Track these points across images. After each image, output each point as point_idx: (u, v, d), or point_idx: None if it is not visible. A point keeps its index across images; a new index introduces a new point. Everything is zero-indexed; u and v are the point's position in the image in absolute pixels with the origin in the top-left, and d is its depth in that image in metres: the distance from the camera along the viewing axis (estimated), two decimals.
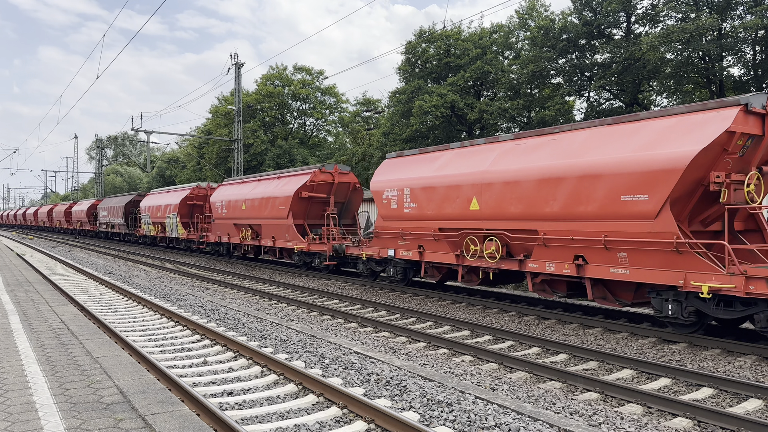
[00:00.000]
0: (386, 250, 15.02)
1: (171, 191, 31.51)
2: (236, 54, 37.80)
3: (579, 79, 27.77)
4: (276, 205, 19.84)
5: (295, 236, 19.07)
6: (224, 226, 23.76)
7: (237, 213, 22.41)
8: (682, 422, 5.76)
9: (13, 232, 67.78)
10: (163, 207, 30.41)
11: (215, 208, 24.36)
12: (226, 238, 23.77)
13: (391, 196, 14.61)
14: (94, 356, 6.65)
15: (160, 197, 32.15)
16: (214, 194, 25.17)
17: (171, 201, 29.55)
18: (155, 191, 34.91)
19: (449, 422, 5.36)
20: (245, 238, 22.10)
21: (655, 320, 10.63)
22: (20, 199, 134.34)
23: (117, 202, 40.36)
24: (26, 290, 12.93)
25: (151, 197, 34.08)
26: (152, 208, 32.25)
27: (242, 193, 22.39)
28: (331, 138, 48.56)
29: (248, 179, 23.30)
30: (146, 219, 33.35)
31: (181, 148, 63.34)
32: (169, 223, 29.65)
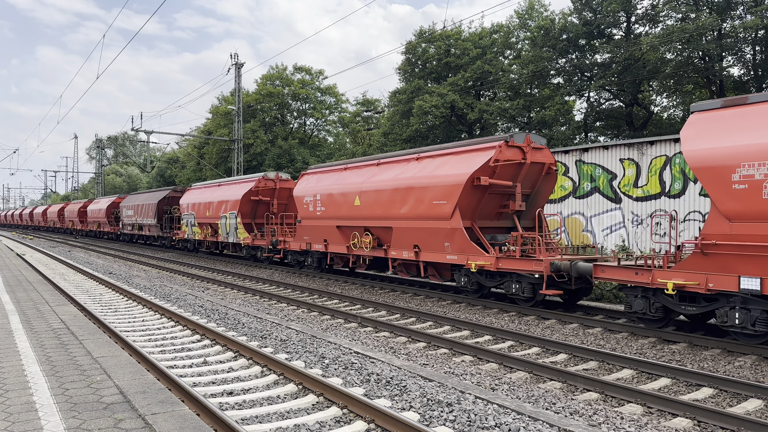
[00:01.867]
0: None
1: (225, 184, 26.01)
2: (236, 54, 37.84)
3: (579, 79, 27.78)
4: (428, 200, 13.51)
5: (467, 245, 12.59)
6: (319, 229, 17.91)
7: (344, 211, 16.72)
8: (682, 422, 5.76)
9: (14, 232, 67.26)
10: (215, 204, 25.02)
11: (302, 205, 18.74)
12: (321, 246, 17.95)
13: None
14: (94, 356, 6.65)
15: (209, 192, 26.60)
16: (300, 186, 19.25)
17: (227, 196, 24.10)
18: (200, 185, 29.04)
19: (449, 422, 5.36)
20: (359, 246, 16.12)
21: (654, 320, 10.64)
22: (20, 199, 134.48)
23: (147, 198, 34.35)
24: (26, 290, 12.94)
25: (195, 192, 28.50)
26: (198, 205, 26.78)
27: (352, 183, 16.49)
28: (331, 138, 48.57)
29: (361, 163, 17.07)
30: (189, 219, 27.96)
31: (181, 148, 63.35)
32: (224, 225, 24.31)
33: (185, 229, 28.71)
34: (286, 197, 23.26)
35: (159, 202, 31.88)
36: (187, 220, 28.24)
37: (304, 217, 18.50)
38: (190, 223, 27.79)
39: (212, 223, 25.66)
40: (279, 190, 23.19)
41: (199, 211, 26.57)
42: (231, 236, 23.89)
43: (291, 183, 23.30)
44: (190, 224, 27.84)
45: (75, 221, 51.63)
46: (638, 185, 16.42)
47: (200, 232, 26.82)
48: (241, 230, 23.07)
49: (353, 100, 49.03)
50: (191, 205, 27.75)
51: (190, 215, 27.73)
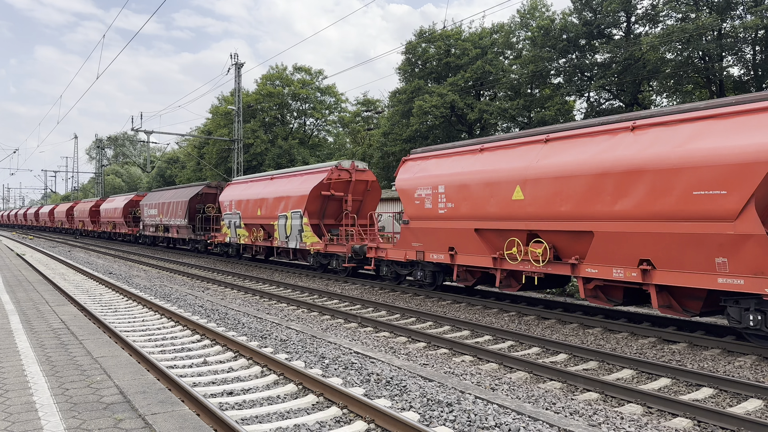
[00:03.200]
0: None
1: (284, 177, 21.27)
2: (236, 54, 37.85)
3: (579, 79, 27.78)
4: (682, 189, 8.71)
5: None
6: (440, 233, 13.28)
7: (490, 208, 11.84)
8: (682, 422, 5.76)
9: (14, 232, 66.99)
10: (270, 202, 20.73)
11: (411, 201, 13.98)
12: (442, 256, 13.22)
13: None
14: (94, 356, 6.64)
15: (259, 187, 22.27)
16: (407, 175, 14.36)
17: (288, 191, 19.88)
18: (245, 178, 24.81)
19: (449, 422, 5.36)
20: (520, 258, 11.37)
21: (654, 320, 10.64)
22: (20, 199, 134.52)
23: (175, 195, 29.99)
24: (26, 290, 12.93)
25: (239, 187, 24.10)
26: (245, 203, 22.48)
27: (508, 169, 11.58)
28: (331, 138, 48.58)
29: (514, 141, 12.05)
30: (231, 220, 23.47)
31: (181, 148, 63.37)
32: (282, 227, 19.96)
33: (226, 231, 24.05)
34: (362, 192, 19.53)
35: (191, 200, 27.40)
36: (229, 221, 23.61)
37: (414, 217, 14.01)
38: (234, 224, 23.19)
39: (265, 225, 21.20)
40: (354, 183, 19.12)
41: (247, 209, 22.20)
42: (292, 240, 19.32)
43: (368, 174, 19.57)
44: (234, 225, 23.21)
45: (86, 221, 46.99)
46: None
47: (247, 234, 22.34)
48: (308, 233, 18.54)
49: (353, 100, 49.10)
50: (235, 203, 23.21)
51: (234, 215, 23.22)
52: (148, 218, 33.39)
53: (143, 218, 34.46)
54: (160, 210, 31.27)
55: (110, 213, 40.57)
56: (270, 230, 21.09)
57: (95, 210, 45.17)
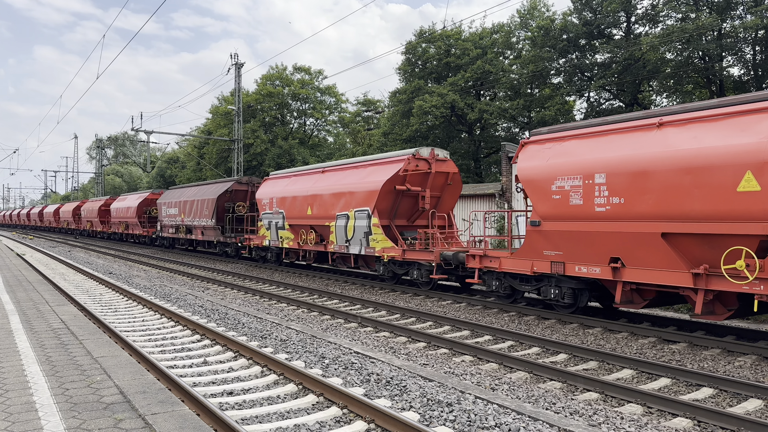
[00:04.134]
0: None
1: (344, 168, 17.73)
2: (236, 54, 37.87)
3: (579, 79, 27.78)
4: None
5: None
6: (595, 238, 9.92)
7: (692, 204, 8.52)
8: (682, 422, 5.76)
9: (14, 232, 66.83)
10: (327, 198, 17.33)
11: (544, 195, 10.66)
12: (596, 270, 10.00)
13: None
14: (94, 356, 6.65)
15: (310, 181, 18.81)
16: (534, 162, 11.02)
17: (352, 186, 16.43)
18: (290, 172, 21.09)
19: (449, 422, 5.36)
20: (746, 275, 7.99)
21: (654, 320, 10.64)
22: (20, 199, 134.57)
23: (200, 193, 26.73)
24: (26, 290, 12.94)
25: (282, 183, 20.57)
26: (291, 200, 19.28)
27: (736, 147, 8.09)
28: (331, 138, 48.60)
29: (735, 108, 8.40)
30: (273, 220, 20.33)
31: (181, 148, 63.39)
32: (342, 229, 16.64)
33: (264, 234, 21.01)
34: (441, 186, 16.07)
35: (219, 198, 24.37)
36: (269, 222, 20.50)
37: (549, 217, 10.56)
38: (276, 225, 20.06)
39: (318, 226, 17.95)
40: (434, 176, 15.70)
41: (293, 208, 19.06)
42: (355, 245, 16.14)
43: (450, 165, 16.17)
44: (275, 227, 20.07)
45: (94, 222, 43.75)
46: None
47: (292, 237, 19.28)
48: (378, 236, 15.32)
49: (353, 100, 49.13)
50: (277, 201, 20.06)
51: (275, 215, 20.13)
52: (167, 218, 30.28)
53: (161, 218, 31.47)
54: (181, 209, 28.22)
55: (122, 212, 37.24)
56: (324, 233, 17.76)
57: (105, 209, 42.01)
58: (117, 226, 38.99)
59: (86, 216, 46.01)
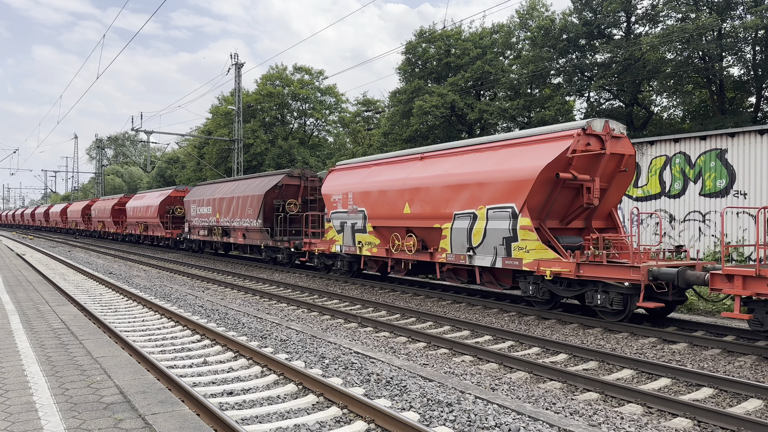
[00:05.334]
0: None
1: (456, 153, 13.58)
2: (236, 54, 37.89)
3: (579, 79, 27.79)
4: None
5: None
6: None
7: None
8: (682, 422, 5.76)
9: (14, 232, 66.73)
10: (435, 193, 13.28)
11: None
12: None
13: None
14: (94, 356, 6.65)
15: (400, 170, 14.87)
16: None
17: (475, 174, 12.40)
18: (365, 161, 17.20)
19: (449, 422, 5.36)
20: None
21: (654, 320, 10.64)
22: (20, 199, 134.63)
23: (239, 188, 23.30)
24: (26, 290, 12.94)
25: (357, 174, 16.73)
26: (375, 196, 15.34)
27: None
28: (331, 138, 48.63)
29: None
30: (348, 221, 16.53)
31: (181, 148, 63.42)
32: (463, 233, 12.57)
33: (334, 237, 17.17)
34: (611, 173, 11.70)
35: (267, 194, 20.85)
36: (342, 223, 16.75)
37: None
38: (352, 227, 16.33)
39: (421, 229, 13.89)
40: (607, 159, 11.36)
41: (381, 205, 15.07)
42: (485, 255, 11.99)
43: (625, 144, 11.66)
44: (351, 229, 16.37)
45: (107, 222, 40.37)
46: (638, 185, 16.41)
47: (377, 243, 15.44)
48: (529, 244, 11.06)
49: (353, 100, 49.16)
50: (353, 196, 16.22)
51: (353, 214, 16.24)
52: (198, 218, 26.66)
53: (189, 218, 27.77)
54: (216, 208, 24.69)
55: (140, 212, 33.44)
56: (429, 237, 13.79)
57: (119, 209, 38.29)
58: (134, 227, 35.50)
59: (97, 216, 42.70)
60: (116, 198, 40.06)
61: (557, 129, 11.61)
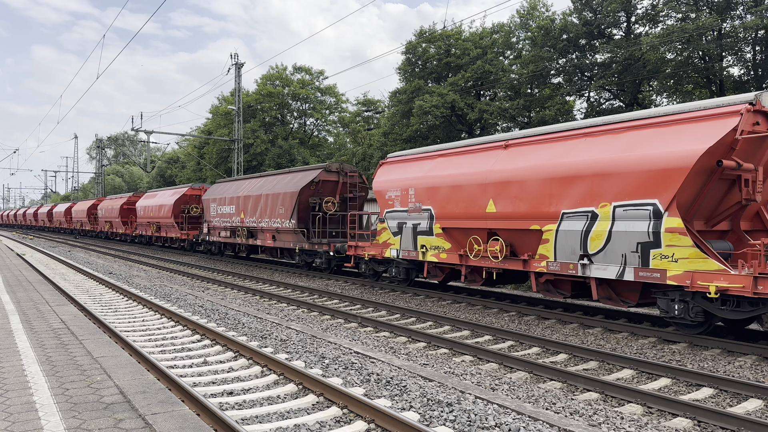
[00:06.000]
0: None
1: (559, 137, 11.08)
2: (236, 54, 37.89)
3: (579, 79, 27.79)
4: None
5: None
6: None
7: None
8: (682, 422, 5.76)
9: (14, 232, 66.63)
10: (530, 186, 10.98)
11: None
12: None
13: None
14: (94, 356, 6.65)
15: (479, 161, 12.42)
16: None
17: (594, 162, 9.96)
18: (425, 152, 14.41)
19: (449, 422, 5.36)
20: None
21: (655, 320, 10.64)
22: (20, 199, 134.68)
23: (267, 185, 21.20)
24: (26, 290, 12.94)
25: (419, 167, 14.06)
26: (445, 191, 12.89)
27: None
28: (331, 138, 48.65)
29: None
30: (407, 221, 13.99)
31: (181, 148, 63.44)
32: (572, 236, 10.25)
33: (389, 240, 14.57)
34: None
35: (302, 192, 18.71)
36: (400, 224, 14.12)
37: None
38: (414, 228, 13.63)
39: (510, 231, 11.58)
40: None
41: (453, 202, 12.65)
42: (608, 264, 9.73)
43: None
44: (413, 231, 13.69)
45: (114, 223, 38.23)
46: None
47: (447, 247, 12.83)
48: (680, 251, 8.78)
49: (353, 100, 49.20)
50: (417, 192, 13.68)
51: (416, 213, 13.62)
52: (218, 218, 24.66)
53: (208, 218, 25.79)
54: (240, 207, 22.63)
55: (152, 212, 31.42)
56: (521, 241, 11.41)
57: (128, 208, 36.43)
58: (145, 228, 33.50)
59: (104, 216, 40.56)
60: (125, 197, 38.17)
61: (713, 105, 9.17)
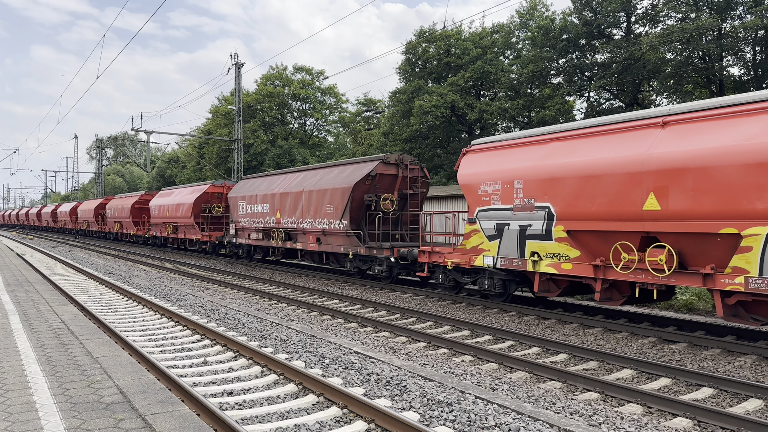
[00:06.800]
0: None
1: None
2: (236, 54, 37.89)
3: (579, 79, 27.79)
4: None
5: None
6: None
7: None
8: (682, 422, 5.76)
9: (14, 232, 66.56)
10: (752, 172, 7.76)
11: None
12: None
13: None
14: (94, 356, 6.65)
15: (624, 143, 9.49)
16: None
17: None
18: (533, 135, 11.48)
19: (449, 422, 5.36)
20: None
21: (654, 320, 10.64)
22: (20, 199, 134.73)
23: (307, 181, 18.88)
24: (26, 290, 12.94)
25: (522, 153, 11.41)
26: (570, 183, 10.13)
27: None
28: (331, 138, 48.65)
29: None
30: (510, 223, 11.39)
31: (181, 148, 63.46)
32: None
33: (483, 246, 12.00)
34: None
35: (356, 187, 16.24)
36: (496, 225, 11.66)
37: None
38: (520, 231, 11.19)
39: (684, 236, 8.83)
40: None
41: (583, 197, 10.03)
42: None
43: None
44: (518, 234, 11.24)
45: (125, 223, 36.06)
46: None
47: (573, 254, 10.33)
48: None
49: (353, 100, 49.21)
50: (528, 186, 11.03)
51: (526, 212, 11.03)
52: (248, 218, 22.20)
53: (236, 218, 23.19)
54: (276, 205, 20.14)
55: (169, 211, 28.99)
56: (698, 250, 8.76)
57: (140, 207, 34.01)
58: (159, 229, 31.00)
59: (113, 216, 38.05)
60: (136, 195, 35.78)
61: None
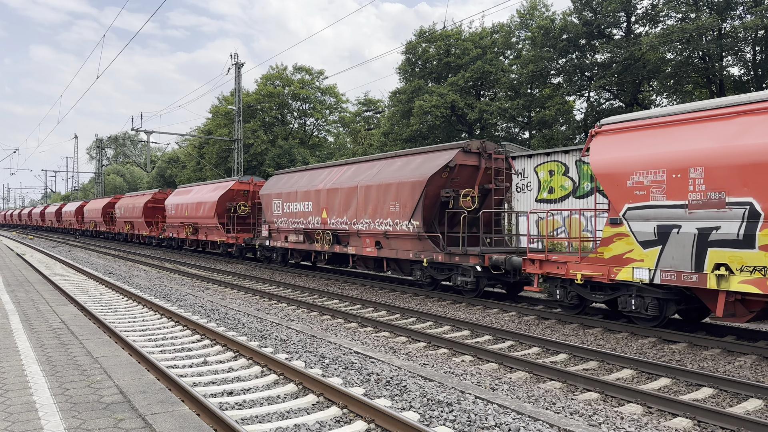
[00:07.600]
0: None
1: None
2: (236, 54, 37.91)
3: (579, 79, 27.79)
4: None
5: None
6: None
7: None
8: (682, 422, 5.76)
9: (14, 232, 66.45)
10: None
11: None
12: None
13: None
14: (94, 356, 6.64)
15: None
16: None
17: None
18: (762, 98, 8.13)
19: (449, 422, 5.36)
20: None
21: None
22: (20, 199, 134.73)
23: (362, 173, 16.24)
24: (26, 290, 12.93)
25: (732, 129, 8.22)
26: None
27: None
28: (331, 138, 48.65)
29: None
30: (682, 222, 8.69)
31: (181, 148, 63.44)
32: None
33: (632, 255, 9.39)
34: None
35: (430, 181, 13.43)
36: (658, 227, 9.03)
37: None
38: (697, 238, 8.55)
39: None
40: None
41: None
42: None
43: None
44: (693, 241, 8.60)
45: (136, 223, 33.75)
46: None
47: None
48: None
49: (354, 100, 49.22)
50: (710, 175, 8.37)
51: (706, 211, 8.41)
52: (285, 218, 19.76)
53: (270, 218, 20.79)
54: (321, 203, 17.67)
55: (188, 210, 26.60)
56: None
57: (153, 207, 31.62)
58: (176, 230, 28.58)
59: (124, 215, 35.58)
60: (149, 193, 33.54)
61: None
